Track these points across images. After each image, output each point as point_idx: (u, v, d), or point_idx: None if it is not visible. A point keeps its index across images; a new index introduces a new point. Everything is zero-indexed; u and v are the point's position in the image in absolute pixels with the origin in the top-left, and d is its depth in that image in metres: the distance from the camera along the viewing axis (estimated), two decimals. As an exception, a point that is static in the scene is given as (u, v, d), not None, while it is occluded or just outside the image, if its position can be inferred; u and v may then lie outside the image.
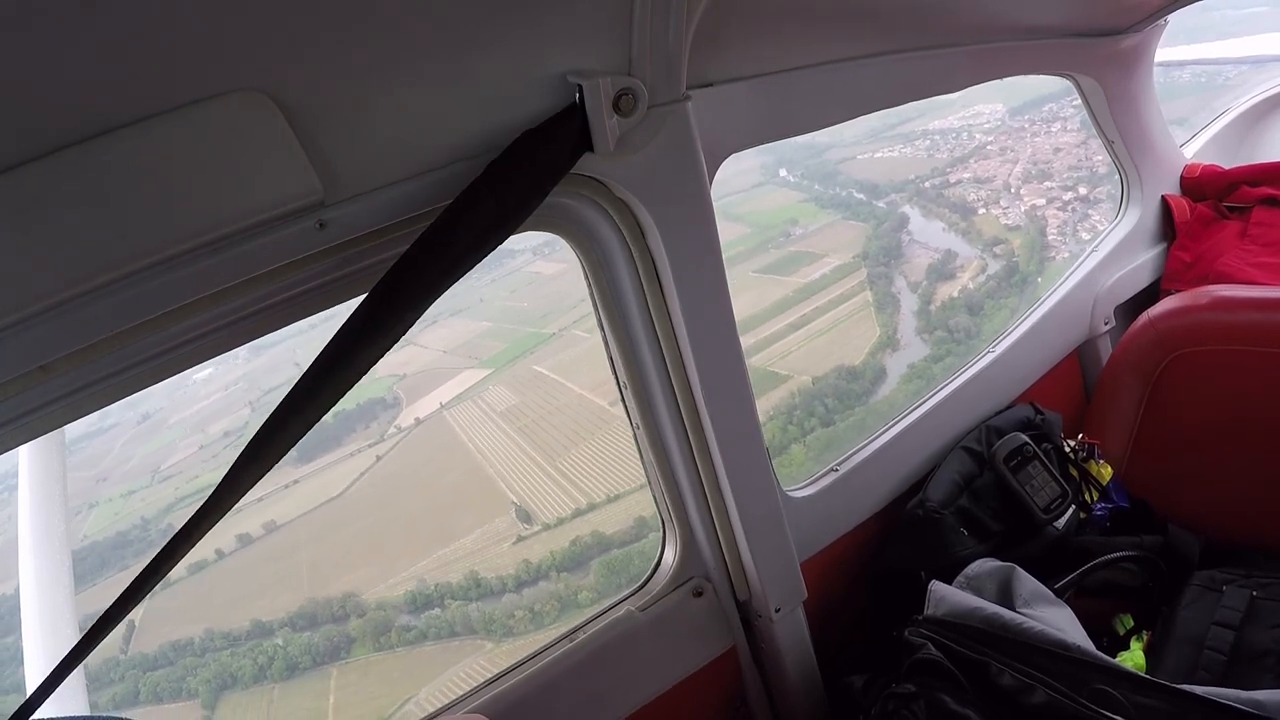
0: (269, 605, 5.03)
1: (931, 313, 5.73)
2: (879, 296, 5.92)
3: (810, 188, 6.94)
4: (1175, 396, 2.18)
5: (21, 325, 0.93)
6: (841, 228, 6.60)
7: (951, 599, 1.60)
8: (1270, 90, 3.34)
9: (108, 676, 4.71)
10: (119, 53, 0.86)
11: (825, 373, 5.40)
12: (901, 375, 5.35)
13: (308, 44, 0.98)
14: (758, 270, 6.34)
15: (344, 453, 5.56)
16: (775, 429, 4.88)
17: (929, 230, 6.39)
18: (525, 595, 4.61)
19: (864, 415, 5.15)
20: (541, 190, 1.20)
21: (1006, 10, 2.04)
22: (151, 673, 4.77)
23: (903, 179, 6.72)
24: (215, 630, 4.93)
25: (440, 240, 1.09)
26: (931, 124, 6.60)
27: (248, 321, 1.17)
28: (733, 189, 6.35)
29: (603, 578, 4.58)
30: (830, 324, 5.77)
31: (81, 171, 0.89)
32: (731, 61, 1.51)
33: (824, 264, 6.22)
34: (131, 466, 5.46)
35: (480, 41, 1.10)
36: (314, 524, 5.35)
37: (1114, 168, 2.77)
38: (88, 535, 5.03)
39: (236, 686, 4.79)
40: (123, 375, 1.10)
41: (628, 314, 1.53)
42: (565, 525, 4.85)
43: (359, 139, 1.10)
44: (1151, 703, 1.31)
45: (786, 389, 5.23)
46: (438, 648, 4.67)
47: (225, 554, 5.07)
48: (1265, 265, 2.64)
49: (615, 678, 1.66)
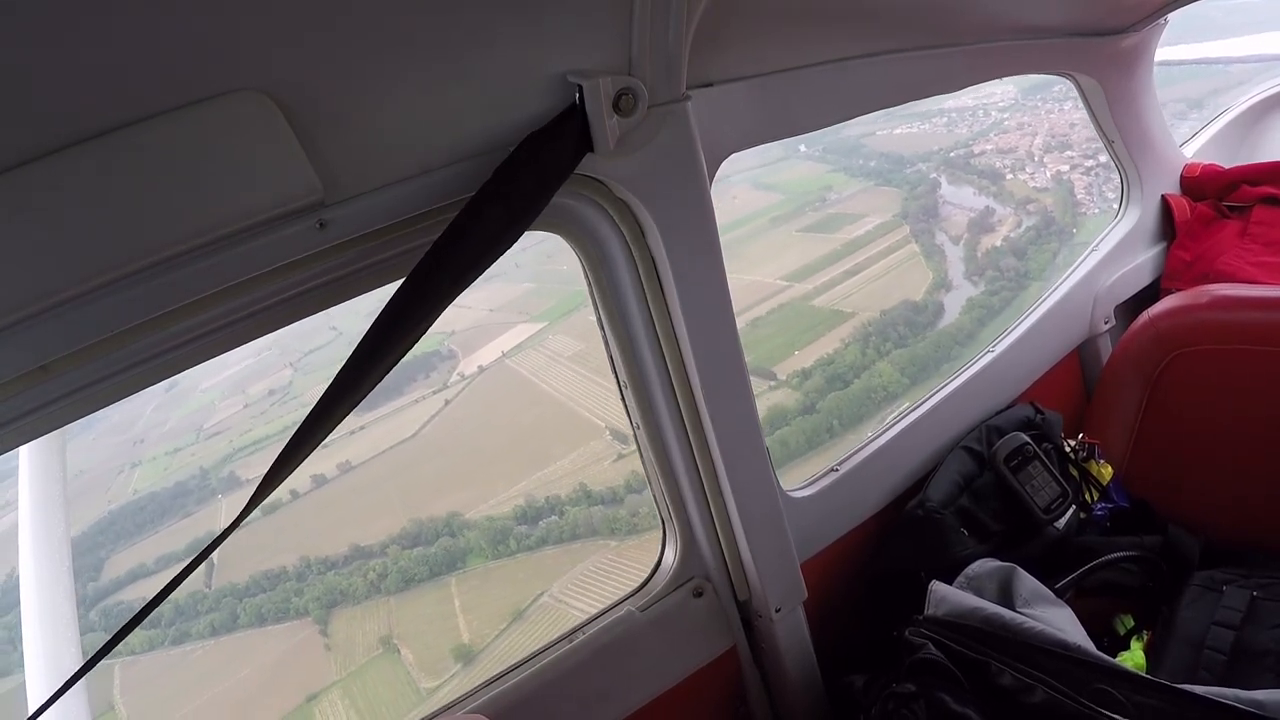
0: (364, 532, 5.24)
1: (979, 258, 6.23)
2: (925, 247, 6.43)
3: (836, 161, 7.32)
4: (1175, 396, 2.18)
5: (21, 325, 0.93)
6: (875, 193, 6.99)
7: (952, 599, 1.60)
8: (1270, 90, 3.34)
9: (195, 609, 4.90)
10: (119, 53, 0.86)
11: (891, 307, 5.92)
12: (962, 307, 5.90)
13: (308, 44, 0.98)
14: (801, 229, 6.82)
15: (408, 400, 5.84)
16: (855, 352, 5.44)
17: (961, 194, 6.86)
18: (645, 496, 4.67)
19: (937, 337, 5.73)
20: (548, 191, 1.20)
21: (1006, 10, 2.04)
22: (249, 599, 4.93)
23: (927, 151, 7.09)
24: (311, 558, 5.14)
25: (452, 247, 1.10)
26: (946, 103, 6.91)
27: (248, 321, 1.17)
28: (757, 163, 6.72)
29: None
30: (883, 270, 6.24)
31: (81, 171, 0.89)
32: (731, 61, 1.51)
33: (865, 223, 6.66)
34: (170, 428, 5.71)
35: (480, 41, 1.10)
36: (391, 462, 5.60)
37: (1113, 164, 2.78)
38: (138, 490, 5.31)
39: (347, 602, 5.00)
40: (123, 375, 1.10)
41: (628, 314, 1.53)
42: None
43: (359, 139, 1.10)
44: (1152, 702, 1.31)
45: (855, 322, 5.77)
46: (559, 550, 4.95)
47: (300, 494, 5.27)
48: (1265, 264, 2.64)
49: (615, 678, 1.66)
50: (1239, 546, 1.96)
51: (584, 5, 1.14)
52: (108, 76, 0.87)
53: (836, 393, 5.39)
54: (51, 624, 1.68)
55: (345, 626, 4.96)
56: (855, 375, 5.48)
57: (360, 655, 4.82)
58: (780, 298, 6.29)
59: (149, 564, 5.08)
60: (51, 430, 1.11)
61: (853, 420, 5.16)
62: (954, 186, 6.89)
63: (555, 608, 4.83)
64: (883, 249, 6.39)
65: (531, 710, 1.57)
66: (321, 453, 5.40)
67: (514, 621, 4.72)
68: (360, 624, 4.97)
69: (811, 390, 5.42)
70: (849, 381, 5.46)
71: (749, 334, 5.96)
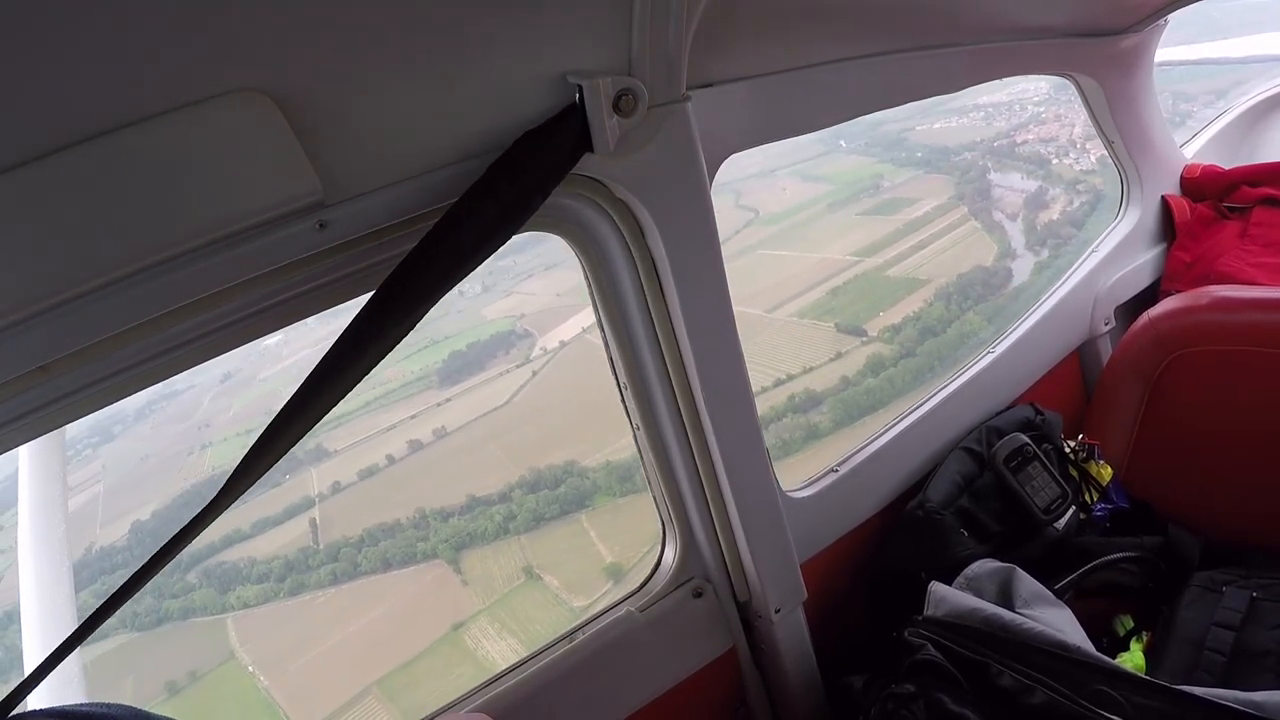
0: (479, 485, 5.38)
1: (1039, 229, 6.70)
2: (985, 224, 6.92)
3: (880, 153, 7.68)
4: (1175, 397, 2.18)
5: (21, 325, 0.93)
6: (926, 180, 7.39)
7: (951, 599, 1.60)
8: (1270, 90, 3.34)
9: (306, 564, 5.01)
10: (119, 53, 0.86)
11: (965, 272, 6.43)
12: (1031, 269, 6.38)
13: (308, 44, 0.98)
14: (860, 213, 7.21)
15: (492, 374, 6.05)
16: (940, 308, 5.93)
17: (1010, 179, 7.26)
18: (772, 429, 5.29)
19: (1015, 292, 6.25)
20: (543, 190, 1.20)
21: (1006, 10, 2.04)
22: (370, 547, 5.04)
23: (970, 142, 7.44)
24: (426, 509, 5.29)
25: (443, 241, 1.09)
26: (981, 99, 7.22)
27: (248, 321, 1.17)
28: (801, 156, 7.15)
29: (838, 411, 5.45)
30: (949, 244, 6.71)
31: (82, 171, 0.89)
32: (731, 61, 1.51)
33: (923, 205, 7.06)
34: (234, 414, 5.84)
35: (480, 41, 1.10)
36: (488, 426, 5.78)
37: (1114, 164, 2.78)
38: (215, 467, 5.41)
39: (477, 544, 5.12)
40: (123, 375, 1.10)
41: (628, 314, 1.53)
42: (769, 392, 5.54)
43: (359, 139, 1.10)
44: (1152, 704, 1.31)
45: (931, 287, 6.26)
46: None
47: (397, 459, 5.44)
48: (1265, 265, 2.64)
49: (615, 678, 1.66)
50: (1239, 547, 1.96)
51: (584, 5, 1.14)
52: (107, 76, 0.87)
53: (932, 339, 5.85)
54: (52, 624, 1.68)
55: (479, 564, 5.09)
56: (945, 327, 5.96)
57: (501, 586, 4.97)
58: (854, 270, 6.68)
59: (244, 529, 5.17)
60: (51, 430, 1.11)
61: (953, 362, 5.52)
62: (1002, 173, 7.26)
63: None
64: (944, 226, 6.81)
65: (531, 710, 1.57)
66: (405, 425, 5.39)
67: (656, 544, 4.86)
68: (494, 561, 5.09)
69: (905, 340, 5.87)
70: (938, 332, 5.94)
71: (830, 301, 6.37)
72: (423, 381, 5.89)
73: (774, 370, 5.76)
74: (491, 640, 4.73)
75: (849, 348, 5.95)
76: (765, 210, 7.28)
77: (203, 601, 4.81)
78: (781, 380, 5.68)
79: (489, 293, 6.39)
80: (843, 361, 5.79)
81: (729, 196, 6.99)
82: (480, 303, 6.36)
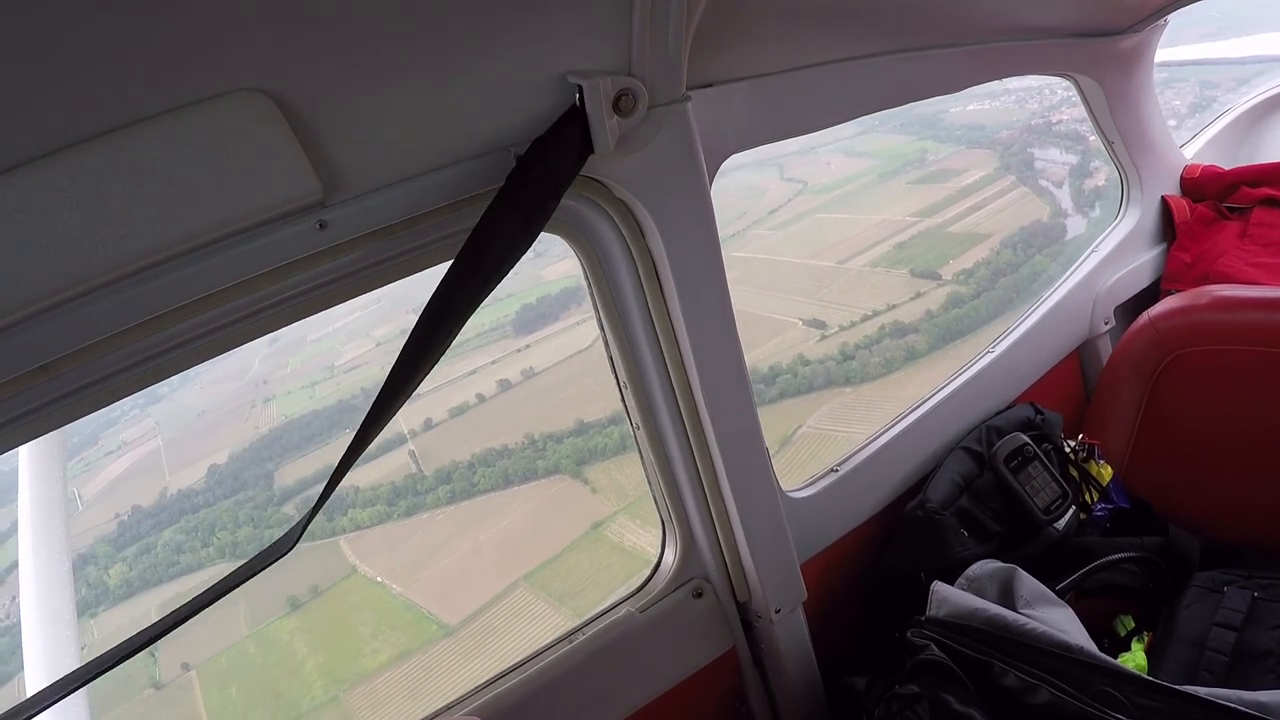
0: (583, 412, 5.59)
1: (1086, 193, 7.11)
2: (1033, 190, 7.35)
3: (920, 131, 8.07)
4: (1175, 396, 2.18)
5: (21, 325, 0.93)
6: (969, 154, 7.81)
7: (953, 600, 1.60)
8: (1270, 90, 3.34)
9: (414, 489, 5.20)
10: (119, 53, 0.86)
11: (1025, 225, 6.89)
12: (1086, 224, 6.86)
13: (308, 44, 0.98)
14: (910, 182, 7.62)
15: (569, 323, 6.33)
16: (1008, 254, 6.36)
17: (1050, 153, 7.65)
18: (874, 350, 5.82)
19: (1075, 239, 6.90)
20: (556, 193, 1.21)
21: (1006, 10, 2.04)
22: (486, 468, 5.23)
23: (1007, 122, 7.81)
24: (536, 434, 5.48)
25: (476, 256, 1.13)
26: (1011, 85, 7.57)
27: (248, 321, 1.17)
28: (838, 135, 7.32)
29: (931, 336, 5.89)
30: (1004, 205, 7.16)
31: (82, 171, 0.89)
32: (731, 61, 1.51)
33: (971, 174, 7.49)
34: (291, 371, 6.07)
35: (480, 42, 1.10)
36: (577, 365, 5.99)
37: (1114, 164, 2.78)
38: (287, 414, 5.69)
39: (598, 459, 5.33)
40: (123, 375, 1.10)
41: (628, 314, 1.53)
42: (858, 326, 5.91)
43: (359, 139, 1.10)
44: (1155, 704, 1.30)
45: (996, 238, 6.70)
46: (797, 400, 5.58)
47: (487, 397, 5.67)
48: (1265, 265, 2.64)
49: (615, 679, 1.66)
50: (1240, 547, 1.96)
51: (584, 5, 1.14)
52: (108, 76, 0.87)
53: (1005, 279, 6.29)
54: (52, 624, 1.68)
55: (604, 475, 5.24)
56: (1015, 269, 6.43)
57: (633, 491, 5.09)
58: (916, 229, 7.07)
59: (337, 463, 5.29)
60: (51, 430, 1.11)
61: (1029, 294, 5.87)
62: (1042, 148, 7.62)
63: (815, 435, 5.35)
64: (995, 191, 7.23)
65: (531, 711, 1.56)
66: (492, 368, 5.59)
67: (783, 446, 5.25)
68: (620, 472, 5.22)
69: (979, 281, 6.34)
70: (1009, 273, 6.37)
71: (897, 254, 6.72)
72: (497, 332, 6.06)
73: (858, 309, 6.13)
74: (635, 534, 4.86)
75: (926, 289, 6.34)
76: (813, 182, 7.56)
77: (312, 527, 4.79)
78: (868, 316, 6.08)
79: (541, 258, 6.60)
80: (923, 300, 6.19)
81: (773, 170, 7.35)
82: (535, 265, 6.53)
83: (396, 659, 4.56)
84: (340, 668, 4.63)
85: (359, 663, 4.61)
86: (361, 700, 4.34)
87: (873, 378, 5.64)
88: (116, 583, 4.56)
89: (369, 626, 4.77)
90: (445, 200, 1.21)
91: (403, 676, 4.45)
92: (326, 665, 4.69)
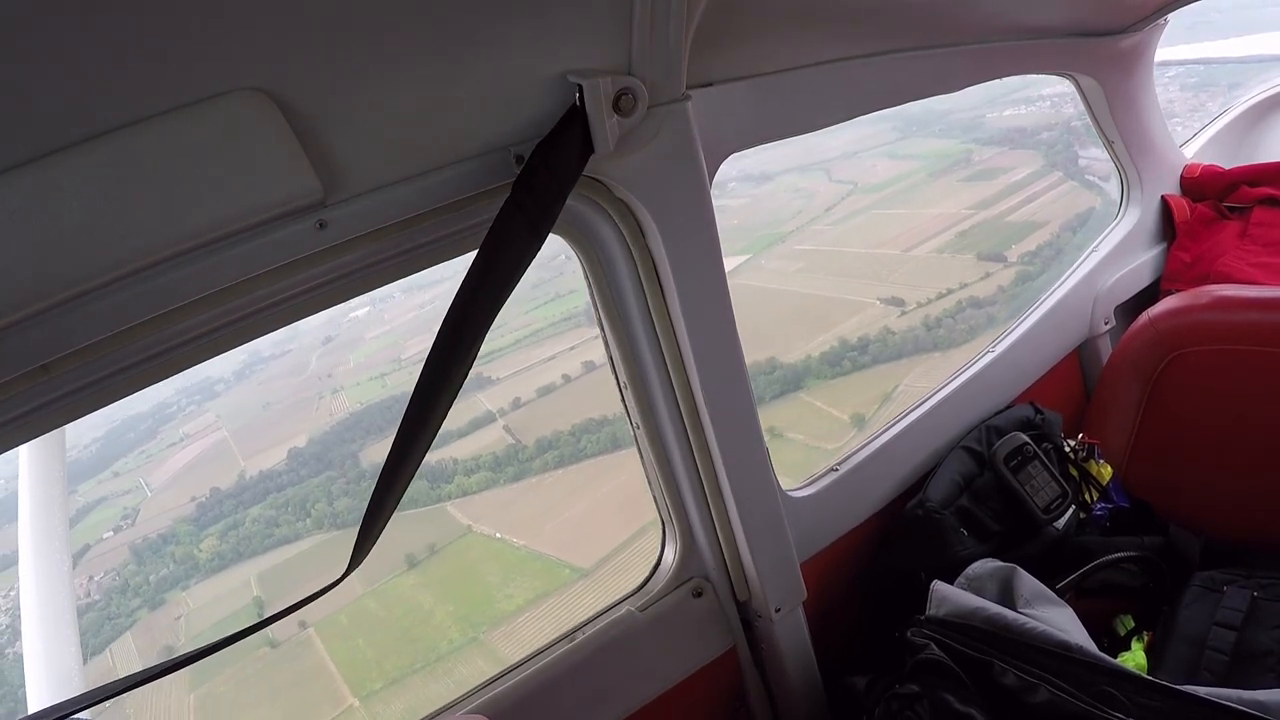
0: None
1: None
2: (1081, 184, 7.40)
3: (960, 134, 8.21)
4: (1175, 396, 2.18)
5: (22, 325, 0.93)
6: (1013, 154, 7.96)
7: (953, 599, 1.60)
8: (1270, 90, 3.34)
9: (516, 458, 5.36)
10: (119, 53, 0.86)
11: (1082, 212, 6.89)
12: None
13: (308, 44, 0.98)
14: (960, 180, 7.84)
15: None
16: (1067, 239, 6.47)
17: (1093, 151, 8.18)
18: (958, 319, 6.01)
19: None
20: (561, 196, 1.21)
21: (1006, 10, 2.04)
22: (590, 435, 5.34)
23: (1046, 124, 7.89)
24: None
25: (489, 264, 1.14)
26: (1044, 90, 7.72)
27: (248, 321, 1.17)
28: (879, 141, 7.72)
29: (1008, 308, 6.17)
30: (1056, 197, 7.30)
31: (82, 171, 0.89)
32: (731, 61, 1.51)
33: (1018, 172, 7.65)
34: (355, 365, 6.22)
35: (480, 42, 1.10)
36: None
37: (1114, 168, 2.78)
38: (362, 400, 5.84)
39: None
40: (123, 375, 1.10)
41: (628, 314, 1.53)
42: (934, 303, 6.12)
43: (359, 139, 1.10)
44: (1155, 704, 1.30)
45: (1055, 224, 6.84)
46: (889, 365, 5.75)
47: (572, 377, 5.82)
48: (1265, 265, 2.64)
49: (615, 678, 1.66)
50: (1240, 546, 1.95)
51: (584, 5, 1.14)
52: (108, 76, 0.87)
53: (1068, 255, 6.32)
54: (52, 624, 1.68)
55: None
56: (1080, 249, 6.48)
57: None
58: (973, 220, 7.26)
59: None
60: (51, 430, 1.11)
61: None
62: (1084, 148, 7.66)
63: (914, 391, 5.39)
64: (1046, 185, 7.37)
65: (531, 710, 1.57)
66: (570, 353, 5.69)
67: (884, 403, 5.43)
68: None
69: (1045, 261, 6.49)
70: (1070, 253, 6.33)
71: (959, 242, 6.94)
72: (569, 321, 6.13)
73: (932, 289, 6.35)
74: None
75: (994, 270, 6.52)
76: (862, 182, 7.69)
77: (414, 494, 5.05)
78: (943, 294, 6.31)
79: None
80: (992, 279, 6.37)
81: (819, 174, 7.49)
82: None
83: (534, 600, 4.67)
84: (474, 613, 4.75)
85: (494, 607, 4.72)
86: (504, 639, 4.45)
87: (959, 343, 5.87)
88: (207, 557, 4.75)
89: (497, 577, 4.88)
90: (445, 200, 1.21)
91: (545, 613, 4.56)
92: (459, 613, 4.81)
